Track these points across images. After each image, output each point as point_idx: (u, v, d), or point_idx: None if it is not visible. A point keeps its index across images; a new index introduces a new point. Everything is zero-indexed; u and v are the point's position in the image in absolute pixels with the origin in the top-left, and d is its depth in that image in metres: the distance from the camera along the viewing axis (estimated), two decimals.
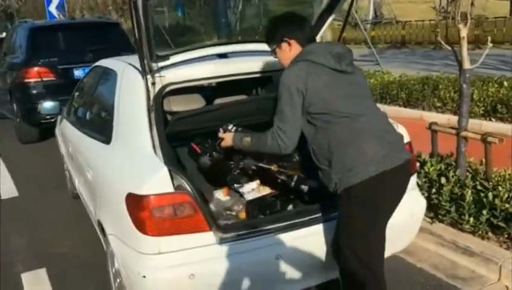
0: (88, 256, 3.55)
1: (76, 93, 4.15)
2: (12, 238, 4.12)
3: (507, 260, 3.04)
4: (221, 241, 2.28)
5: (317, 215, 2.47)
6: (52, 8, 14.93)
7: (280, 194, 3.08)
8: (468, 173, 3.72)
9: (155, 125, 2.50)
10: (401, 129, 2.81)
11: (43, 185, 5.36)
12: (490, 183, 3.48)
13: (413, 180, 2.84)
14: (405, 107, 7.82)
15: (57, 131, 4.69)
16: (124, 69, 2.98)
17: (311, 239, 2.43)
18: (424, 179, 3.71)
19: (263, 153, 2.56)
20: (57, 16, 14.45)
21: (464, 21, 3.44)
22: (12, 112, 7.53)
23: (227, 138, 2.58)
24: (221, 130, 2.61)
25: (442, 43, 3.75)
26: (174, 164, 2.37)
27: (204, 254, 2.24)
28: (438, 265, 3.26)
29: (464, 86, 3.64)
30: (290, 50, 2.41)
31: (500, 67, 11.69)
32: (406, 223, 2.69)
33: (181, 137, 2.77)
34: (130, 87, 2.77)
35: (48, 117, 6.50)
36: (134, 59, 2.82)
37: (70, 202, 4.57)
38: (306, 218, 2.45)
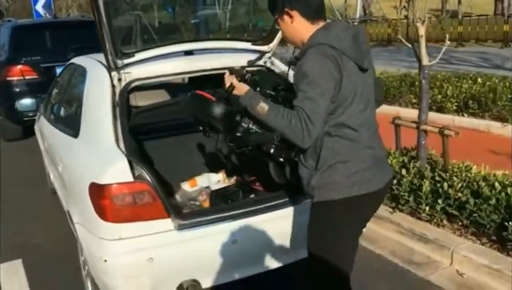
0: (64, 248, 3.66)
1: (52, 90, 4.28)
2: None
3: (459, 246, 3.21)
4: (180, 227, 2.42)
5: (273, 203, 2.61)
6: (39, 7, 14.96)
7: (244, 185, 3.24)
8: (428, 165, 3.89)
9: (119, 119, 2.64)
10: None
11: (24, 181, 5.47)
12: (447, 174, 3.66)
13: None
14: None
15: (36, 128, 4.81)
16: (93, 66, 3.11)
17: (267, 225, 2.57)
18: None
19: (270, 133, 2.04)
20: (43, 15, 14.48)
21: (422, 20, 3.60)
22: None
23: (241, 88, 2.11)
24: (232, 75, 2.18)
25: (403, 40, 3.91)
26: (136, 155, 2.51)
27: (163, 239, 2.38)
28: (395, 252, 3.43)
29: (423, 81, 3.81)
30: (291, 23, 2.07)
31: (481, 64, 11.94)
32: None
33: (145, 130, 2.90)
34: (97, 83, 2.91)
35: (30, 114, 6.59)
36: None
37: (49, 197, 4.68)
38: (262, 205, 2.60)
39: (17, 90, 6.84)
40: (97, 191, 2.37)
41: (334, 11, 14.00)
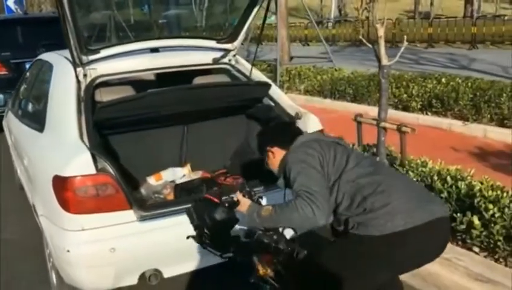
0: (30, 242, 3.70)
1: (20, 86, 4.30)
2: None
3: None
4: (142, 218, 2.51)
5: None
6: (10, 3, 14.78)
7: (209, 179, 3.35)
8: (386, 160, 4.06)
9: (84, 114, 2.71)
10: (313, 119, 3.11)
11: None
12: (404, 169, 3.83)
13: None
14: (352, 102, 8.22)
15: (4, 123, 4.82)
16: (59, 62, 3.17)
17: None
18: None
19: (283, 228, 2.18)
20: (14, 10, 14.30)
21: (381, 21, 3.76)
22: None
23: (244, 203, 2.22)
24: (238, 192, 2.29)
25: (364, 40, 4.07)
26: (100, 149, 2.58)
27: (124, 230, 2.47)
28: None
29: (383, 80, 3.97)
30: (274, 157, 2.37)
31: (448, 65, 12.27)
32: None
33: (111, 125, 2.97)
34: (63, 79, 2.97)
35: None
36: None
37: (17, 192, 4.70)
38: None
39: None
40: (60, 184, 2.44)
41: (308, 11, 14.22)
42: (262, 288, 2.16)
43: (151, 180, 3.27)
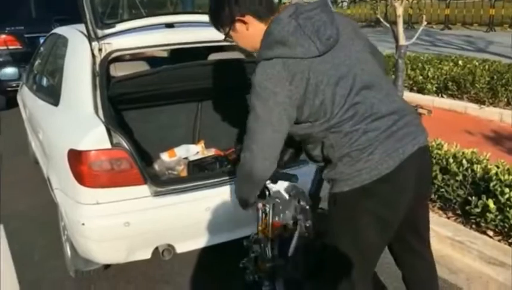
0: (44, 215, 3.73)
1: (34, 60, 4.30)
2: None
3: None
4: (156, 193, 2.51)
5: None
6: None
7: (221, 156, 3.34)
8: None
9: (99, 89, 2.70)
10: None
11: (7, 151, 5.51)
12: None
13: None
14: None
15: (19, 97, 4.84)
16: (74, 36, 3.16)
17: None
18: None
19: None
20: None
21: (399, 0, 3.69)
22: None
23: None
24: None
25: (381, 19, 3.99)
26: (114, 124, 2.58)
27: (139, 204, 2.48)
28: None
29: (399, 60, 3.92)
30: (247, 29, 1.84)
31: (465, 47, 12.08)
32: None
33: (126, 100, 2.97)
34: (78, 53, 2.96)
35: (13, 85, 6.59)
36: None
37: (31, 166, 4.74)
38: (233, 176, 2.70)
39: (0, 59, 6.82)
40: (75, 157, 2.44)
41: None
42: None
43: (165, 156, 3.27)
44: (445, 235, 3.17)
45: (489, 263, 2.91)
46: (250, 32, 1.83)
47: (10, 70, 6.74)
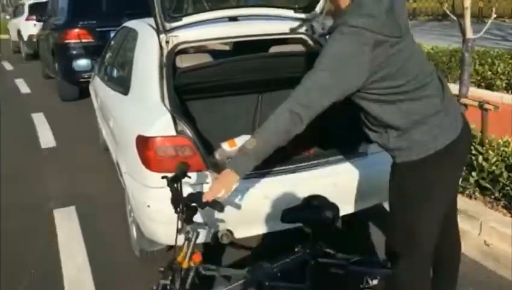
0: (113, 198, 3.96)
1: (106, 52, 4.55)
2: (48, 181, 4.63)
3: (488, 217, 3.26)
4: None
5: (304, 164, 2.77)
6: None
7: (281, 147, 3.40)
8: None
9: (165, 79, 2.84)
10: None
11: (78, 138, 5.86)
12: (484, 148, 3.67)
13: None
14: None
15: (90, 87, 5.13)
16: (143, 29, 3.32)
17: (298, 183, 2.72)
18: None
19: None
20: None
21: None
22: (55, 71, 8.08)
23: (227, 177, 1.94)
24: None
25: (448, 12, 3.89)
26: (179, 112, 2.70)
27: (200, 189, 2.58)
28: None
29: (466, 54, 3.80)
30: None
31: None
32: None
33: (189, 90, 3.09)
34: (147, 45, 3.11)
35: (85, 76, 6.96)
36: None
37: (101, 153, 5.02)
38: (293, 166, 2.75)
39: (74, 52, 7.23)
40: (143, 143, 2.59)
41: None
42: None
43: (225, 146, 3.37)
44: (509, 233, 3.07)
45: None
46: None
47: (83, 62, 7.13)
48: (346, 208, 2.80)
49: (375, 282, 2.21)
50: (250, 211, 2.66)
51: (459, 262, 2.34)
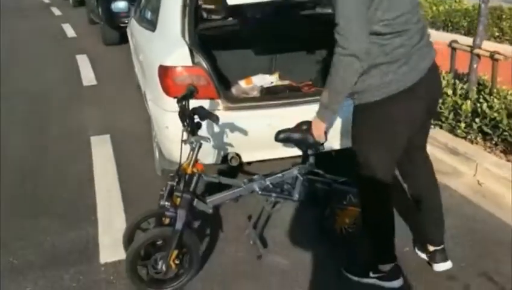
0: (143, 129, 4.37)
1: None
2: (87, 113, 5.10)
3: (484, 160, 3.46)
4: (226, 108, 2.94)
5: (302, 99, 3.05)
6: None
7: (294, 86, 3.68)
8: (475, 88, 4.05)
9: (187, 17, 3.13)
10: None
11: (117, 78, 6.32)
12: (491, 97, 3.82)
13: None
14: (466, 35, 7.83)
15: (128, 30, 5.49)
16: None
17: (300, 115, 3.00)
18: None
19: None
20: None
21: None
22: (98, 16, 8.50)
23: (315, 127, 2.23)
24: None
25: None
26: (197, 46, 3.00)
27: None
28: None
29: (482, 5, 3.88)
30: None
31: None
32: None
33: (211, 29, 3.38)
34: None
35: (125, 21, 7.30)
36: None
37: (136, 92, 5.42)
38: (294, 100, 3.04)
39: None
40: (163, 72, 2.93)
41: None
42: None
43: (242, 83, 3.69)
44: (501, 175, 3.28)
45: None
46: None
47: (121, 4, 7.51)
48: (334, 144, 3.05)
49: (358, 200, 2.54)
50: (255, 137, 2.98)
51: (440, 204, 2.48)
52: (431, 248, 2.51)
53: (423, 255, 2.59)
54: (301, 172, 2.58)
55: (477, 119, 3.67)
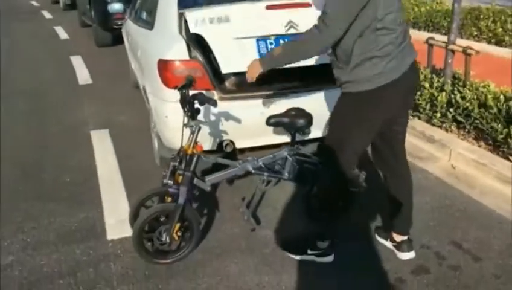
0: (140, 123, 4.63)
1: None
2: (85, 110, 5.34)
3: (458, 146, 3.78)
4: (221, 99, 3.20)
5: (291, 90, 3.32)
6: None
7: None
8: (450, 81, 4.37)
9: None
10: None
11: (111, 77, 6.55)
12: (465, 89, 4.14)
13: None
14: (445, 35, 8.18)
15: (123, 29, 5.74)
16: None
17: (289, 104, 3.27)
18: None
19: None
20: None
21: None
22: (91, 18, 8.73)
23: (252, 65, 2.51)
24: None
25: None
26: (194, 42, 3.26)
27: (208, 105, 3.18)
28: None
29: (456, 5, 4.21)
30: None
31: None
32: None
33: None
34: None
35: (118, 23, 7.57)
36: None
37: (131, 89, 5.67)
38: (284, 91, 3.31)
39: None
40: (162, 65, 3.19)
41: None
42: None
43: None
44: (471, 158, 3.59)
45: (504, 181, 3.32)
46: None
47: (117, 6, 7.74)
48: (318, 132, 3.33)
49: None
50: (248, 125, 3.25)
51: (411, 198, 2.67)
52: (398, 238, 2.71)
53: (387, 243, 2.78)
54: (290, 153, 2.86)
55: (451, 110, 3.99)
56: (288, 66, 2.61)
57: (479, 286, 2.45)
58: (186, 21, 3.24)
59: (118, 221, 3.10)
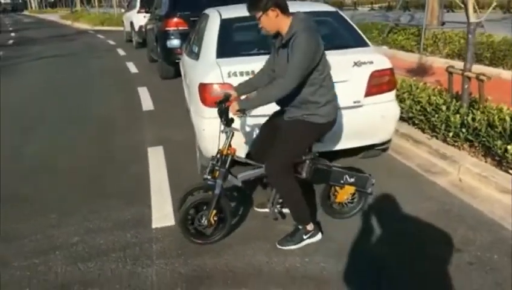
0: (190, 143, 5.29)
1: (191, 33, 5.95)
2: (145, 131, 6.17)
3: (466, 161, 4.15)
4: (244, 115, 3.82)
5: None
6: None
7: None
8: (465, 104, 4.75)
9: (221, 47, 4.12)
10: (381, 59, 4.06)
11: (170, 104, 7.41)
12: (478, 110, 4.52)
13: (392, 94, 4.10)
14: (488, 66, 8.43)
15: (180, 63, 6.59)
16: (212, 13, 4.63)
17: None
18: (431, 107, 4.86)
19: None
20: None
21: None
22: (157, 54, 9.78)
23: (233, 105, 3.06)
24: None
25: (457, 1, 4.73)
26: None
27: (237, 120, 3.80)
28: (420, 164, 4.48)
29: (470, 36, 4.64)
30: (276, 17, 2.85)
31: None
32: (378, 122, 3.99)
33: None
34: (212, 24, 4.41)
35: (179, 58, 8.48)
36: (225, 8, 4.47)
37: (185, 114, 6.40)
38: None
39: (172, 37, 8.81)
40: (202, 88, 3.89)
41: None
42: None
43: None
44: (476, 172, 3.96)
45: (502, 191, 3.67)
46: (278, 19, 2.87)
47: (175, 42, 8.70)
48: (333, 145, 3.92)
49: (352, 180, 3.34)
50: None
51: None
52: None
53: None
54: (307, 157, 3.41)
55: (463, 130, 4.37)
56: None
57: (455, 273, 2.86)
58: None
59: (161, 215, 3.77)
